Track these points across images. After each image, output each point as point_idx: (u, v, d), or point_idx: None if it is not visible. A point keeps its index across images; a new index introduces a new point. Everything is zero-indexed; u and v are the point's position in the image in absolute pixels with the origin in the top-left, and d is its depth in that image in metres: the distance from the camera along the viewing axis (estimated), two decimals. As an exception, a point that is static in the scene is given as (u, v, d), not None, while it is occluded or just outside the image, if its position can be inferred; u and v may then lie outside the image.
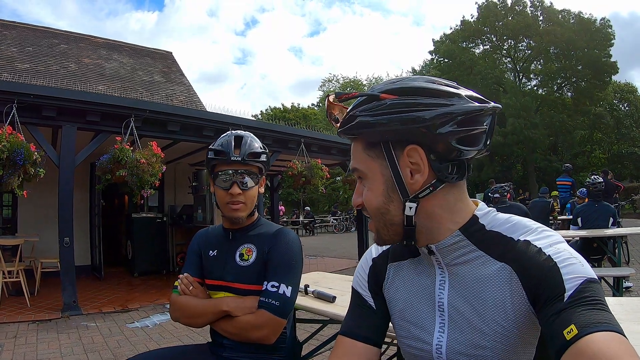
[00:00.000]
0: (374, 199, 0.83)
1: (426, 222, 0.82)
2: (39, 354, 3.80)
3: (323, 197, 29.28)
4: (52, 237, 6.22)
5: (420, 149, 0.77)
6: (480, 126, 0.77)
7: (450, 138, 0.75)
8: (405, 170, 0.79)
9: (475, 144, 0.78)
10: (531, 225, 0.80)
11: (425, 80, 0.80)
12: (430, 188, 0.79)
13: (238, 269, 1.54)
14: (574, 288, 0.66)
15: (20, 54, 10.81)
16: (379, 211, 0.83)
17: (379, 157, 0.81)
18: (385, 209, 0.82)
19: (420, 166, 0.78)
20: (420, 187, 0.79)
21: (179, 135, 6.60)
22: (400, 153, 0.79)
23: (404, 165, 0.79)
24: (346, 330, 0.97)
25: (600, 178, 6.00)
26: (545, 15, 29.13)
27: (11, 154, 4.35)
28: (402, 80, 0.81)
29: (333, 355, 0.96)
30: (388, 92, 0.78)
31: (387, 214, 0.83)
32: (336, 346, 0.97)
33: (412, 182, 0.79)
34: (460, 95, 0.77)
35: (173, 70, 14.43)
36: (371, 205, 0.84)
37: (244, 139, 1.55)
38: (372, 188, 0.83)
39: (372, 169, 0.82)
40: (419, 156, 0.77)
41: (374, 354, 0.95)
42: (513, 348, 0.76)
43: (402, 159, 0.79)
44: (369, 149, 0.82)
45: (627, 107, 30.72)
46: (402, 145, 0.78)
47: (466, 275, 0.81)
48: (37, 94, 5.14)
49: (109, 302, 5.97)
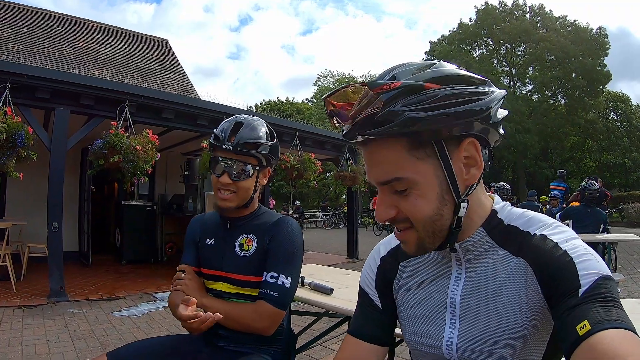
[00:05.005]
0: (427, 207, 0.73)
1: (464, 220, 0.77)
2: (24, 340, 3.74)
3: (313, 193, 29.30)
4: (41, 222, 6.15)
5: (476, 141, 0.73)
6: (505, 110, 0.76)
7: (498, 125, 0.74)
8: (458, 166, 0.73)
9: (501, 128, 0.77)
10: (546, 220, 0.79)
11: (456, 67, 0.74)
12: (477, 182, 0.76)
13: (237, 260, 1.50)
14: (589, 284, 0.65)
15: (15, 35, 10.63)
16: (431, 219, 0.74)
17: (430, 157, 0.71)
18: (438, 215, 0.74)
19: (476, 160, 0.73)
20: (474, 181, 0.75)
21: (173, 123, 6.54)
22: (454, 148, 0.72)
23: (458, 161, 0.73)
24: (353, 329, 0.96)
25: (597, 184, 6.05)
26: (542, 22, 29.31)
27: (10, 135, 4.28)
28: (434, 67, 0.72)
29: (340, 354, 0.95)
30: (431, 81, 0.69)
31: (439, 220, 0.74)
32: (343, 345, 0.96)
33: (467, 178, 0.74)
34: (487, 81, 0.74)
35: (169, 58, 14.28)
36: (423, 215, 0.74)
37: (243, 126, 1.46)
38: (425, 194, 0.73)
39: (423, 173, 0.72)
40: (475, 149, 0.73)
41: (380, 352, 0.94)
42: (525, 344, 0.75)
43: (456, 154, 0.72)
44: (416, 149, 0.71)
45: (618, 116, 30.97)
46: (457, 140, 0.72)
47: (484, 272, 0.80)
48: (31, 74, 5.06)
49: (96, 289, 5.90)
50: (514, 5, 30.00)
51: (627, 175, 28.33)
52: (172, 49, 15.15)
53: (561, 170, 11.60)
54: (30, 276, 6.27)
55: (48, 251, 5.43)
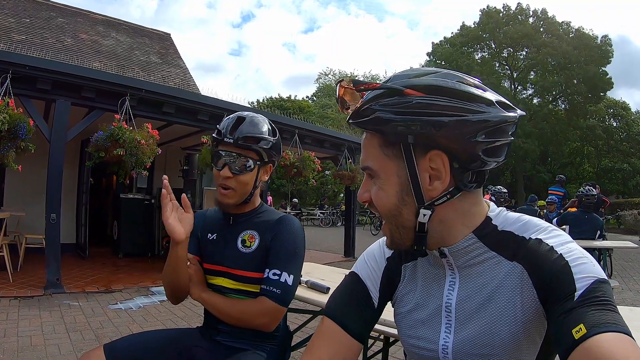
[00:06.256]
0: (386, 200, 0.78)
1: (439, 227, 0.79)
2: (20, 331, 3.74)
3: (311, 190, 29.32)
4: (38, 213, 6.14)
5: (444, 155, 0.73)
6: (507, 137, 0.74)
7: (478, 148, 0.72)
8: (424, 174, 0.75)
9: (498, 155, 0.75)
10: (542, 224, 0.79)
11: (456, 80, 0.74)
12: (448, 196, 0.76)
13: (239, 255, 1.50)
14: (584, 287, 0.65)
15: (17, 25, 10.60)
16: (390, 213, 0.79)
17: (397, 157, 0.75)
18: (397, 212, 0.78)
19: (441, 173, 0.74)
20: (438, 194, 0.76)
21: (173, 118, 6.54)
22: (421, 156, 0.74)
23: (424, 170, 0.74)
24: (343, 320, 0.90)
25: (594, 190, 6.06)
26: (545, 27, 29.26)
27: (12, 127, 4.28)
28: (428, 76, 0.74)
29: (324, 342, 0.90)
30: (413, 88, 0.72)
31: (399, 217, 0.78)
32: (327, 333, 0.91)
33: (430, 188, 0.75)
34: (492, 102, 0.73)
35: (170, 53, 14.26)
36: (382, 207, 0.79)
37: (245, 120, 1.48)
38: (384, 188, 0.78)
39: (386, 169, 0.77)
40: (442, 163, 0.73)
41: (358, 350, 0.92)
42: (519, 347, 0.76)
43: (422, 162, 0.74)
44: (386, 147, 0.76)
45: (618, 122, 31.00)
46: (424, 149, 0.73)
47: (478, 277, 0.80)
48: (32, 65, 5.05)
49: (92, 281, 5.91)
50: (518, 9, 29.96)
51: (625, 182, 28.36)
52: (174, 43, 15.13)
53: (560, 176, 11.59)
54: (27, 267, 6.28)
55: (45, 242, 5.44)
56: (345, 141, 9.49)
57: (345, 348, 0.89)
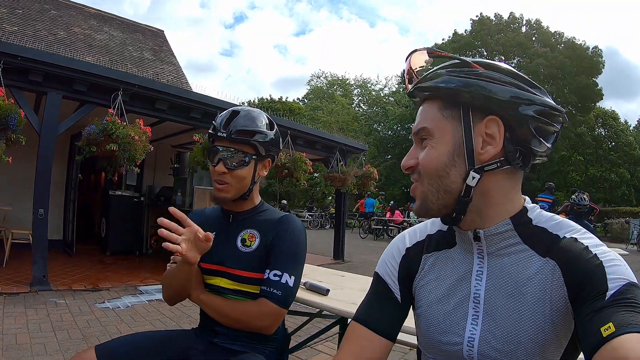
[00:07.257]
0: (436, 159, 0.81)
1: (480, 200, 0.80)
2: (5, 329, 3.64)
3: (300, 192, 29.26)
4: (26, 208, 6.01)
5: (501, 122, 0.77)
6: (555, 125, 0.79)
7: (530, 122, 0.76)
8: (478, 138, 0.78)
9: (546, 139, 0.79)
10: (575, 225, 0.81)
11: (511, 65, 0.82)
12: (498, 164, 0.78)
13: (239, 255, 1.46)
14: (616, 288, 0.66)
15: (10, 16, 10.44)
16: (437, 173, 0.81)
17: (455, 118, 0.80)
18: (444, 172, 0.80)
19: (495, 139, 0.78)
20: (488, 159, 0.78)
21: (165, 115, 6.45)
22: (478, 120, 0.78)
23: (478, 134, 0.78)
24: (365, 320, 0.92)
25: (587, 199, 6.10)
26: (538, 36, 29.54)
27: (2, 118, 4.18)
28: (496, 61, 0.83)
29: (348, 343, 0.92)
30: (478, 64, 0.80)
31: (445, 178, 0.80)
32: (351, 335, 0.92)
33: (481, 152, 0.78)
34: (541, 89, 0.79)
35: (164, 49, 14.15)
36: (430, 166, 0.81)
37: (239, 114, 1.45)
38: (437, 147, 0.81)
39: (442, 128, 0.81)
40: (497, 128, 0.77)
41: (388, 348, 0.92)
42: (544, 347, 0.75)
43: (478, 126, 0.78)
44: (446, 109, 0.81)
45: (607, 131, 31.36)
46: (483, 113, 0.78)
47: (507, 268, 0.80)
48: (24, 56, 4.93)
49: (79, 279, 5.78)
50: (510, 18, 30.24)
51: (611, 191, 28.70)
52: (167, 40, 15.01)
53: (549, 183, 11.72)
54: (13, 262, 6.14)
55: (32, 238, 5.31)
56: (337, 143, 9.47)
57: (372, 346, 0.90)
